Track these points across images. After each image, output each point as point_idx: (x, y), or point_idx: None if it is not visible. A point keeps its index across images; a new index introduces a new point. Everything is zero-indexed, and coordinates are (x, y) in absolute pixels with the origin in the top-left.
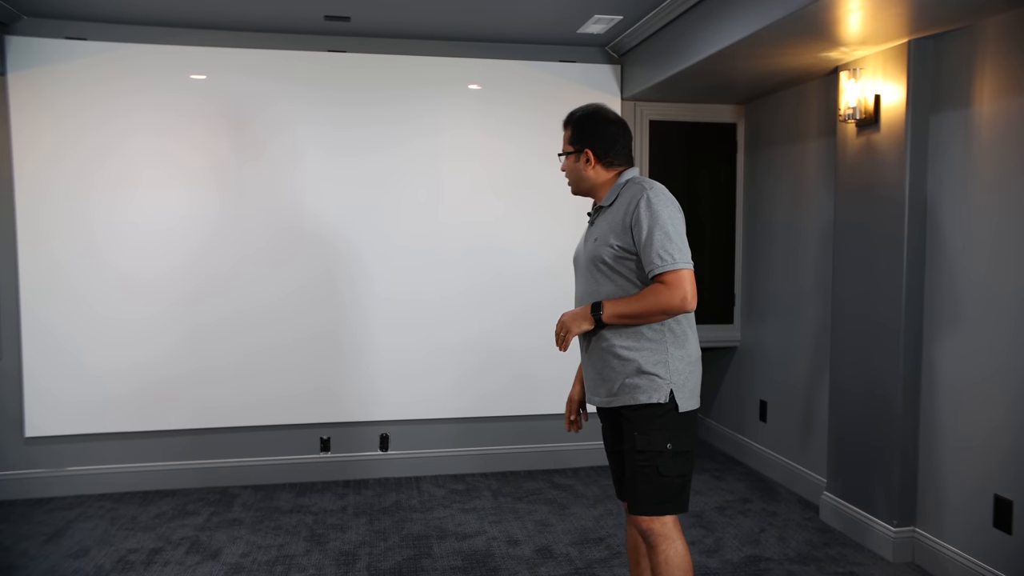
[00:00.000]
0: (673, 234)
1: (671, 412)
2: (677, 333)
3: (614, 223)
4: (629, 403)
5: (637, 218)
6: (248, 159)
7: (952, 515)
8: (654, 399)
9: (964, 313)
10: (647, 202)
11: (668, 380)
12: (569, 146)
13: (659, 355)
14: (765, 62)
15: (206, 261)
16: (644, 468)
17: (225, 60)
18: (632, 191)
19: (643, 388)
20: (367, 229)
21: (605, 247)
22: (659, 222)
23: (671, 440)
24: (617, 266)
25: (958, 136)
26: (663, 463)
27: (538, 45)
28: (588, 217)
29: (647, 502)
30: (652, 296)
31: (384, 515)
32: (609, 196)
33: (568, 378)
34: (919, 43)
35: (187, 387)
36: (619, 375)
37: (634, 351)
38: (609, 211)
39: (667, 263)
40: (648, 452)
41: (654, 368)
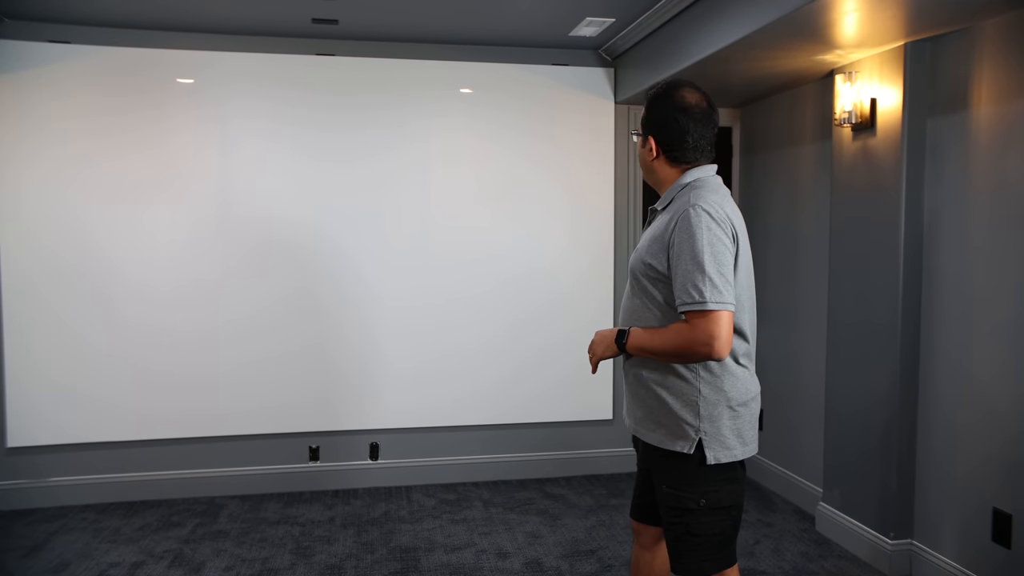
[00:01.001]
0: (708, 265)
1: (702, 467)
2: (715, 372)
3: (656, 236)
4: (653, 443)
5: (674, 240)
6: (236, 164)
7: (950, 528)
8: (678, 448)
9: (962, 320)
10: (685, 222)
11: (697, 427)
12: (641, 127)
13: (689, 396)
14: (759, 65)
15: (192, 269)
16: (674, 526)
17: (212, 63)
18: (682, 200)
19: (671, 432)
20: (356, 236)
21: (641, 264)
22: (694, 249)
23: (704, 496)
24: (652, 289)
25: (956, 140)
26: (694, 522)
27: (530, 48)
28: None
29: (680, 561)
30: (674, 336)
31: (372, 526)
32: (664, 199)
33: (564, 386)
34: (915, 46)
35: (173, 396)
36: (648, 409)
37: (663, 388)
38: (657, 219)
39: (695, 301)
40: (678, 509)
41: (682, 411)
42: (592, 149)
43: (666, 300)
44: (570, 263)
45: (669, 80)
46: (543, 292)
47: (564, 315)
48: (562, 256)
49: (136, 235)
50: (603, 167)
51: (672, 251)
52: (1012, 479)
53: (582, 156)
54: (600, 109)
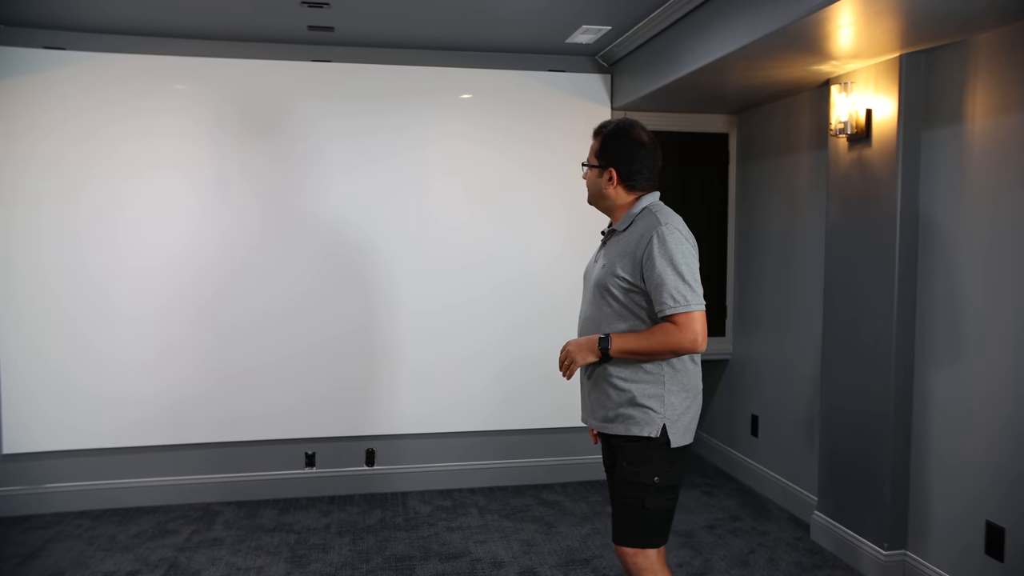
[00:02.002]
0: (687, 274)
1: (663, 447)
2: (677, 368)
3: (624, 253)
4: (621, 433)
5: (649, 254)
6: (233, 171)
7: (944, 540)
8: (646, 432)
9: (957, 332)
10: (660, 240)
11: (662, 414)
12: (595, 159)
13: (655, 388)
14: (755, 74)
15: (187, 276)
16: (629, 499)
17: (207, 70)
18: (647, 222)
19: (636, 420)
20: (352, 244)
21: (612, 277)
22: (673, 262)
23: (659, 474)
24: (624, 299)
25: (950, 152)
26: (649, 496)
27: (527, 55)
28: (601, 235)
29: (629, 534)
30: (662, 336)
31: (368, 534)
32: (623, 221)
33: (559, 392)
34: (910, 57)
35: (169, 403)
36: (614, 404)
37: (631, 382)
38: (622, 238)
39: (679, 304)
40: (635, 484)
41: (648, 401)
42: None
43: (639, 306)
44: (565, 269)
45: (620, 120)
46: (539, 298)
47: (560, 321)
48: (558, 262)
49: (131, 241)
50: None
51: (647, 265)
52: (1005, 492)
53: (580, 161)
54: (597, 115)
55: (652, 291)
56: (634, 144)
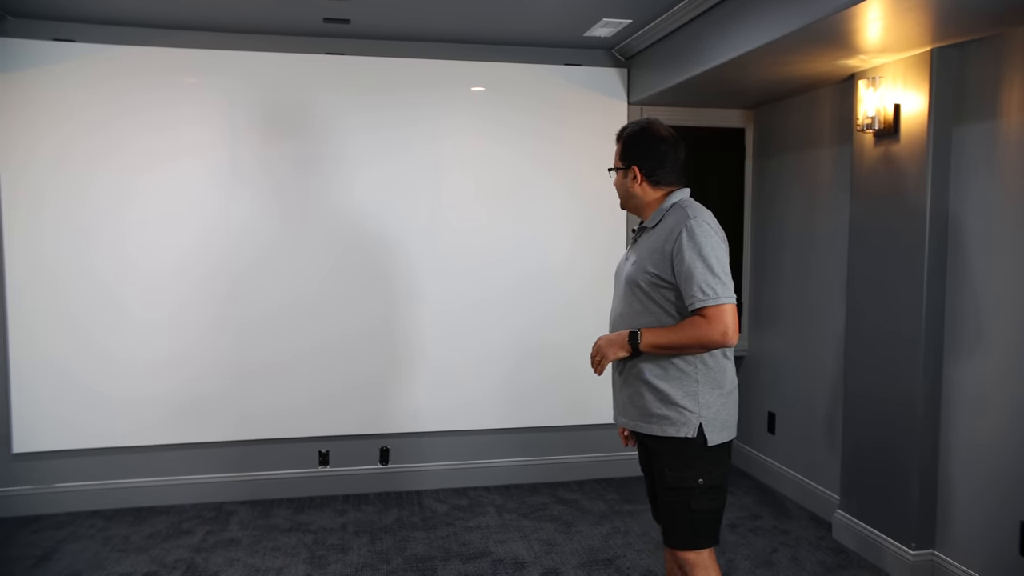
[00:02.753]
0: (716, 267)
1: (701, 447)
2: (710, 365)
3: (654, 249)
4: (657, 434)
5: (679, 248)
6: (245, 165)
7: (976, 541)
8: (682, 433)
9: (988, 329)
10: (689, 232)
11: (697, 414)
12: (618, 162)
13: (689, 387)
14: (779, 69)
15: (196, 274)
16: (675, 504)
17: (221, 63)
18: (676, 217)
19: (672, 420)
20: (366, 240)
21: (644, 274)
22: (702, 254)
23: (702, 476)
24: (653, 294)
25: (983, 148)
26: (694, 498)
27: (543, 48)
28: (633, 232)
29: (680, 536)
30: (692, 329)
31: (386, 534)
32: (653, 218)
33: (574, 390)
34: (942, 52)
35: (180, 401)
36: (649, 403)
37: (664, 381)
38: (652, 234)
39: (709, 297)
40: (679, 488)
41: (683, 400)
42: (605, 150)
43: (669, 301)
44: (580, 265)
45: (639, 120)
46: (554, 295)
47: (575, 318)
48: (572, 258)
49: (140, 238)
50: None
51: (677, 259)
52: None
53: (595, 157)
54: (613, 109)
55: (682, 285)
56: (654, 140)
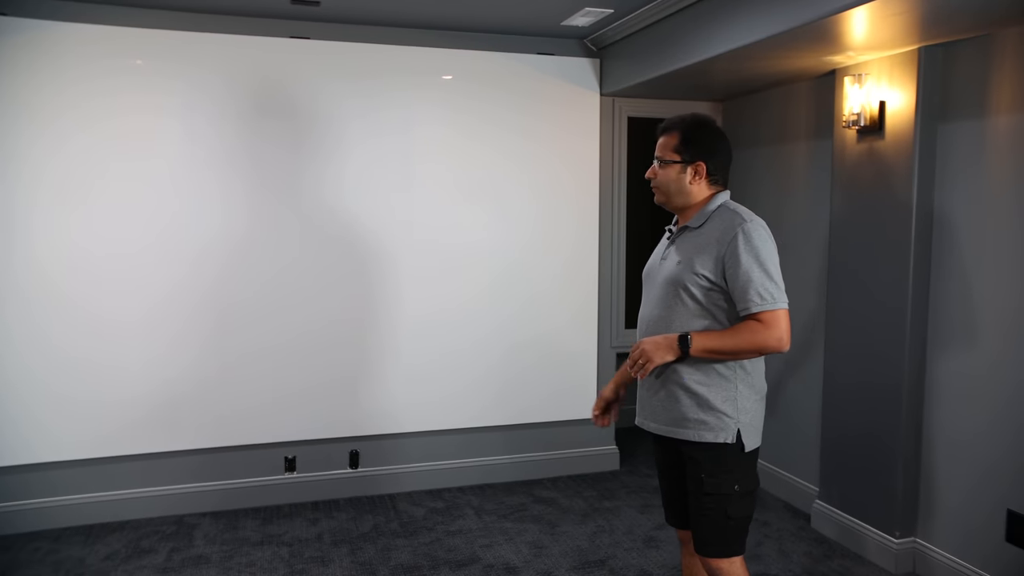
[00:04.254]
0: (773, 272)
1: (738, 452)
2: (749, 370)
3: (703, 251)
4: (694, 439)
5: (733, 252)
6: (202, 154)
7: (960, 528)
8: (721, 439)
9: (973, 321)
10: (745, 237)
11: (736, 419)
12: (675, 154)
13: (729, 392)
14: (760, 64)
15: (150, 273)
16: (712, 511)
17: (173, 44)
18: (726, 220)
19: (710, 426)
20: (329, 234)
21: (691, 275)
22: (759, 259)
23: (739, 482)
24: (702, 297)
25: (970, 146)
26: (731, 506)
27: (514, 36)
28: (668, 232)
29: (715, 544)
30: (748, 334)
31: (366, 543)
32: (698, 218)
33: (545, 387)
34: (929, 50)
35: (134, 409)
36: (686, 408)
37: (704, 386)
38: (696, 235)
39: (767, 302)
40: (716, 495)
41: (723, 405)
42: (577, 139)
43: (717, 305)
44: (552, 260)
45: (694, 114)
46: (525, 291)
47: (546, 314)
48: (544, 253)
49: (90, 235)
50: (588, 157)
51: (729, 262)
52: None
53: (567, 146)
54: (585, 100)
55: (737, 289)
56: (719, 136)
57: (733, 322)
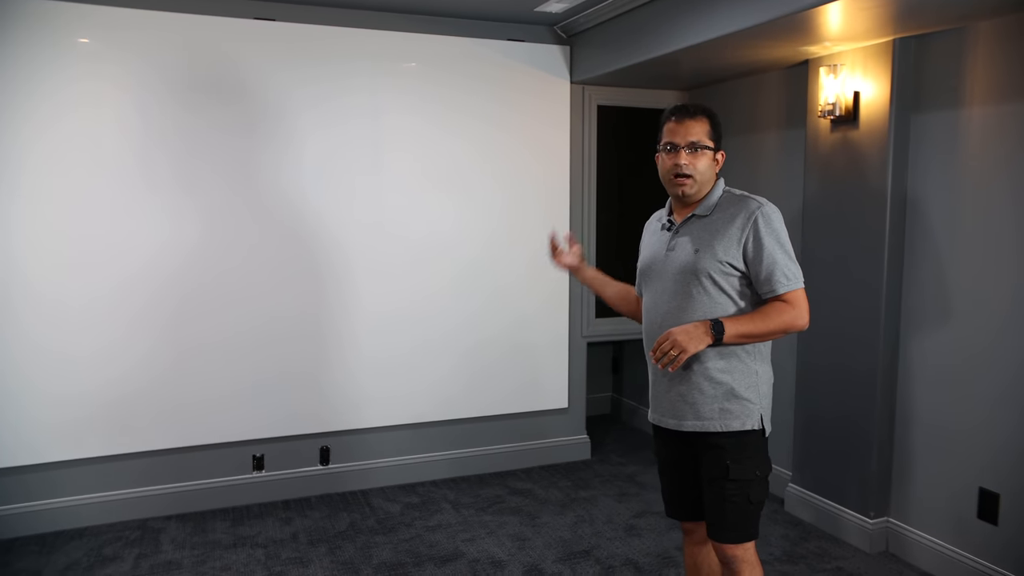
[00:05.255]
0: (791, 252)
1: (760, 437)
2: (764, 353)
3: (721, 237)
4: (719, 430)
5: (755, 236)
6: (159, 139)
7: (934, 507)
8: (747, 425)
9: (945, 305)
10: (766, 220)
11: (758, 404)
12: (710, 140)
13: (750, 377)
14: (734, 53)
15: (101, 263)
16: (735, 497)
17: (125, 22)
18: (739, 204)
19: (736, 414)
20: (295, 223)
21: (712, 262)
22: (780, 241)
23: (759, 467)
24: (723, 283)
25: (943, 137)
26: (753, 490)
27: (484, 22)
28: (663, 223)
29: (736, 530)
30: (777, 315)
31: (344, 541)
32: (705, 207)
33: (512, 378)
34: (903, 42)
35: (88, 408)
36: (710, 399)
37: (727, 373)
38: (709, 222)
39: (791, 282)
40: (740, 481)
41: (746, 392)
42: (547, 127)
43: (736, 289)
44: (520, 250)
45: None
46: (494, 282)
47: (516, 304)
48: (512, 243)
49: (28, 228)
50: (558, 146)
51: (754, 246)
52: (999, 460)
53: (536, 135)
54: (556, 87)
55: (761, 272)
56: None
57: (753, 305)
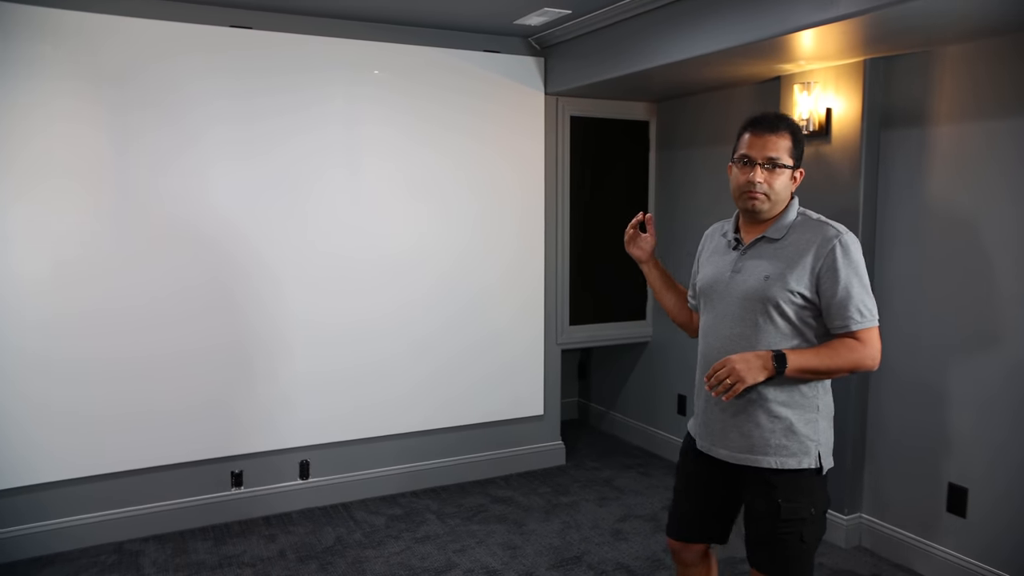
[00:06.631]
0: (868, 287)
1: (815, 475)
2: (827, 387)
3: (793, 264)
4: (774, 466)
5: (832, 266)
6: (121, 148)
7: (904, 502)
8: (804, 464)
9: (911, 312)
10: (844, 250)
11: (817, 441)
12: (791, 158)
13: (811, 414)
14: (709, 70)
15: (66, 285)
16: (787, 537)
17: (92, 31)
18: (817, 231)
19: (793, 451)
20: (262, 235)
21: (782, 291)
22: (858, 274)
23: (815, 505)
24: (794, 314)
25: (910, 153)
26: (806, 529)
27: (459, 32)
28: (729, 241)
29: (791, 570)
30: (847, 353)
31: (334, 557)
32: (778, 229)
33: (495, 386)
34: (874, 62)
35: (53, 430)
36: (767, 433)
37: (787, 408)
38: (781, 247)
39: (866, 320)
40: (793, 520)
41: (805, 429)
42: (522, 138)
43: (806, 323)
44: (493, 262)
45: (780, 112)
46: (470, 291)
47: (491, 313)
48: (485, 255)
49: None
50: (533, 156)
51: (828, 276)
52: (966, 456)
53: (511, 145)
54: (530, 99)
55: (834, 305)
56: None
57: (821, 339)
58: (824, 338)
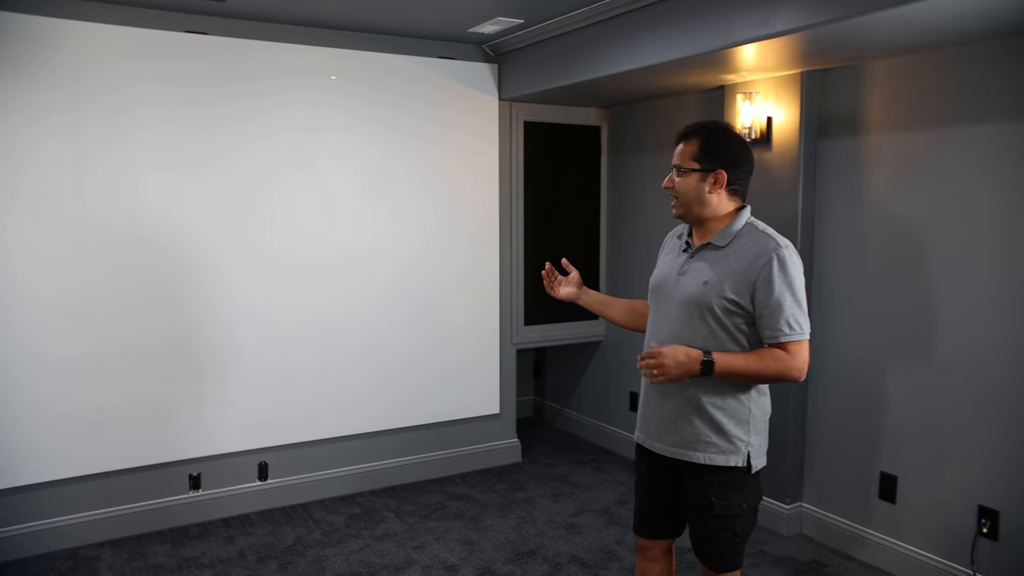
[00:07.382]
0: (802, 301)
1: (746, 474)
2: (762, 391)
3: (732, 273)
4: (703, 462)
5: (767, 278)
6: (86, 148)
7: (839, 491)
8: (732, 463)
9: (850, 316)
10: (781, 264)
11: (747, 442)
12: (694, 162)
13: (742, 416)
14: (656, 79)
15: (19, 281)
16: (720, 532)
17: (48, 33)
18: (759, 242)
19: (721, 449)
20: (215, 238)
21: (717, 297)
22: (792, 288)
23: (745, 500)
24: (725, 320)
25: (844, 161)
26: (738, 524)
27: (412, 39)
28: (682, 244)
29: (725, 561)
30: (773, 362)
31: (294, 556)
32: (723, 236)
33: (449, 386)
34: (811, 74)
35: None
36: (698, 431)
37: (719, 409)
38: (724, 255)
39: (795, 333)
40: (726, 516)
41: (735, 430)
42: (477, 142)
43: (739, 330)
44: (446, 264)
45: (713, 121)
46: (426, 292)
47: (447, 314)
48: (440, 257)
49: None
50: (487, 161)
51: (763, 288)
52: (895, 446)
53: (466, 149)
54: (485, 104)
55: (765, 315)
56: (741, 145)
57: (754, 345)
58: (757, 345)
